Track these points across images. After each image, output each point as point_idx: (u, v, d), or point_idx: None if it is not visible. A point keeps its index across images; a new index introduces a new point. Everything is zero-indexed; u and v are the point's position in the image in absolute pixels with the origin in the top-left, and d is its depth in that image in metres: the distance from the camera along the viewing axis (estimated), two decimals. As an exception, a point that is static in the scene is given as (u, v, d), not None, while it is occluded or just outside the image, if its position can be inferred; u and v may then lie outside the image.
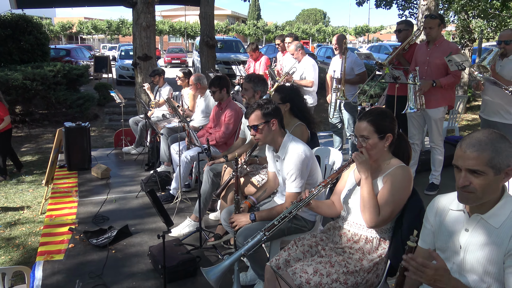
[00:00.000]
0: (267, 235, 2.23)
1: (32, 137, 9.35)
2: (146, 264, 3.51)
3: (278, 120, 2.90)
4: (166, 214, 2.90)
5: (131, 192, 5.19)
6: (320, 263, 2.22)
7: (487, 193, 1.65)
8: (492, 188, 1.64)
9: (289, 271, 2.20)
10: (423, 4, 8.31)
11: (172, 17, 50.65)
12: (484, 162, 1.60)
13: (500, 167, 1.61)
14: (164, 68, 11.70)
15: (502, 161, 1.61)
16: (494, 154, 1.60)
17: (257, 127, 2.86)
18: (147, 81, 7.40)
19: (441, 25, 4.59)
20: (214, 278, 2.12)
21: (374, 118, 2.29)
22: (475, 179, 1.62)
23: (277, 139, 2.91)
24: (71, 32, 43.31)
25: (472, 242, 1.70)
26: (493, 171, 1.61)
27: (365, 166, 2.24)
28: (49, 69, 9.64)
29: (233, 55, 16.80)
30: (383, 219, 2.21)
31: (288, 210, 2.32)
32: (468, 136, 1.68)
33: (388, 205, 2.20)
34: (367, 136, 2.27)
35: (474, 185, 1.63)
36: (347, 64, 5.58)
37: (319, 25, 52.66)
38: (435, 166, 4.94)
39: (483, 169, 1.61)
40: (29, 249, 4.22)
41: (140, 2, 7.93)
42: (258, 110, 2.87)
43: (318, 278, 2.13)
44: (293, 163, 2.78)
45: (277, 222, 2.27)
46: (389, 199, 2.20)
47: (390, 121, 2.32)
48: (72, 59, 16.05)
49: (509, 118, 4.35)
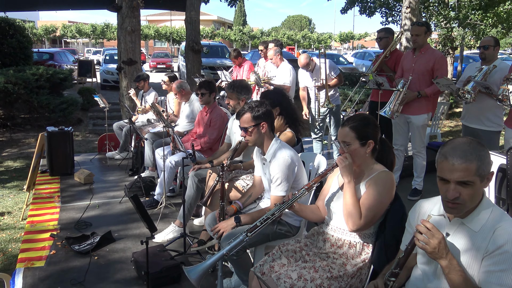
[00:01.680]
0: (249, 235, 2.23)
1: (13, 141, 9.18)
2: (129, 271, 3.47)
3: (268, 123, 2.92)
4: (150, 219, 2.88)
5: (115, 198, 5.13)
6: (304, 268, 2.22)
7: (473, 202, 1.69)
8: (477, 196, 1.68)
9: (273, 276, 2.20)
10: (405, 12, 8.44)
11: (158, 21, 50.43)
12: (472, 172, 1.62)
13: (484, 175, 1.64)
14: (149, 73, 11.62)
15: (485, 168, 1.64)
16: (480, 162, 1.62)
17: (247, 129, 2.89)
18: (132, 85, 7.35)
19: (427, 33, 4.68)
20: (195, 278, 2.11)
21: (356, 125, 2.31)
22: (464, 190, 1.64)
23: (266, 142, 2.94)
24: (55, 36, 42.74)
25: (452, 246, 1.72)
26: (480, 179, 1.64)
27: (348, 170, 2.26)
28: (32, 73, 9.50)
29: (218, 60, 16.79)
30: (366, 223, 2.23)
31: (271, 212, 2.32)
32: (450, 147, 1.67)
33: (371, 209, 2.22)
34: (349, 142, 2.30)
35: (463, 196, 1.64)
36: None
37: (304, 32, 52.99)
38: (417, 172, 5.01)
39: (472, 179, 1.62)
40: (9, 256, 4.14)
41: (125, 6, 7.89)
42: (249, 112, 2.90)
43: (302, 283, 2.14)
44: (279, 167, 2.80)
45: (260, 223, 2.27)
46: (371, 204, 2.22)
47: (373, 128, 2.35)
48: (55, 63, 15.87)
49: (489, 125, 4.43)
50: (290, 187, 2.85)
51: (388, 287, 1.71)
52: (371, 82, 4.83)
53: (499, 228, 1.64)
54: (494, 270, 1.60)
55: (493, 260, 1.61)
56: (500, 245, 1.60)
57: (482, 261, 1.64)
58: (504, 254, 1.58)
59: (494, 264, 1.60)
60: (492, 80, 4.23)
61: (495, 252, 1.60)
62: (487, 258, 1.63)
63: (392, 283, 1.71)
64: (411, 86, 4.62)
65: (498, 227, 1.64)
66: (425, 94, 4.57)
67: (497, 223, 1.66)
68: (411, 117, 4.76)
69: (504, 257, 1.58)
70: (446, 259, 1.63)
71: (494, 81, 4.22)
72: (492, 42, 4.37)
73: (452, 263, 1.62)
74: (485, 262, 1.63)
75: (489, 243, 1.63)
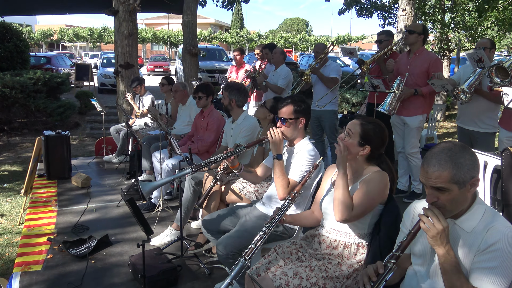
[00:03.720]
0: (247, 259, 2.26)
1: (11, 145, 9.16)
2: (126, 274, 3.47)
3: (305, 120, 2.93)
4: (146, 222, 2.89)
5: (112, 201, 5.14)
6: (300, 267, 2.25)
7: (455, 206, 1.70)
8: (460, 200, 1.69)
9: (269, 273, 2.23)
10: (401, 14, 8.48)
11: (155, 25, 50.51)
12: (446, 179, 1.64)
13: (463, 181, 1.64)
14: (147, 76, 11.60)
15: (464, 175, 1.64)
16: (455, 170, 1.63)
17: (286, 120, 2.88)
18: (129, 89, 7.35)
19: (421, 34, 4.70)
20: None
21: (367, 126, 2.33)
22: (442, 195, 1.67)
23: (298, 138, 2.95)
24: (52, 40, 42.78)
25: None
26: (457, 186, 1.65)
27: (343, 162, 2.30)
28: (29, 77, 9.48)
29: (216, 63, 16.82)
30: (353, 216, 2.25)
31: (262, 231, 2.35)
32: (430, 152, 1.71)
33: (361, 205, 2.24)
34: (351, 134, 2.33)
35: (442, 200, 1.67)
36: (327, 71, 5.62)
37: (301, 34, 53.09)
38: (413, 175, 5.02)
39: (447, 186, 1.64)
40: (6, 260, 4.13)
41: (122, 10, 7.90)
42: (292, 105, 2.90)
43: (298, 281, 2.16)
44: (308, 156, 2.84)
45: (254, 245, 2.32)
46: (363, 199, 2.24)
47: (378, 138, 2.34)
48: (52, 67, 15.86)
49: (483, 126, 4.45)
50: None
51: (388, 269, 1.72)
52: (367, 85, 4.86)
53: (491, 228, 1.66)
54: (484, 267, 1.62)
55: (484, 257, 1.63)
56: (491, 243, 1.62)
57: (473, 259, 1.66)
58: (495, 251, 1.60)
59: (485, 261, 1.62)
60: (485, 81, 4.25)
61: (486, 250, 1.62)
62: (478, 255, 1.65)
63: (393, 265, 1.71)
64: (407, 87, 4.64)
65: (490, 227, 1.66)
66: (421, 92, 4.59)
67: (489, 223, 1.68)
68: (405, 118, 4.78)
69: (495, 255, 1.60)
70: (445, 248, 1.65)
71: (484, 84, 4.25)
72: (488, 44, 4.39)
73: (449, 253, 1.65)
74: (476, 259, 1.65)
75: (481, 242, 1.65)
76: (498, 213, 1.76)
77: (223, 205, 3.74)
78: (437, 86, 4.35)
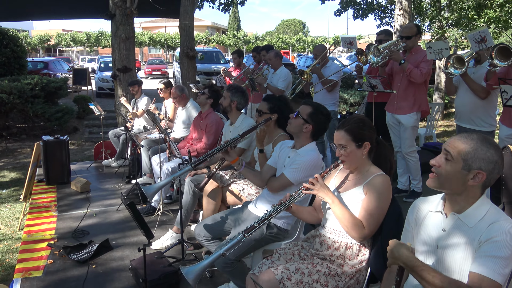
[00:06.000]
0: (246, 236, 2.24)
1: (9, 151, 9.15)
2: (127, 279, 3.46)
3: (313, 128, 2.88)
4: (146, 226, 2.87)
5: (112, 206, 5.12)
6: (302, 264, 2.26)
7: (448, 182, 1.75)
8: (455, 179, 1.73)
9: (272, 269, 2.24)
10: (398, 14, 8.50)
11: (152, 28, 50.46)
12: (459, 151, 1.71)
13: (470, 165, 1.70)
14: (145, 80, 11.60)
15: (474, 161, 1.69)
16: (471, 149, 1.70)
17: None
18: (126, 91, 7.36)
19: (417, 35, 4.71)
20: (192, 277, 2.12)
21: (352, 127, 2.32)
22: (445, 163, 1.74)
23: (304, 140, 2.92)
24: (49, 45, 42.67)
25: (448, 242, 1.75)
26: (463, 165, 1.70)
27: (324, 191, 2.27)
28: (27, 82, 9.48)
29: (213, 65, 16.81)
30: (371, 231, 2.25)
31: (268, 213, 2.32)
32: None
33: (374, 216, 2.23)
34: (345, 145, 2.31)
35: (442, 168, 1.75)
36: (327, 72, 5.63)
37: (298, 35, 53.10)
38: (412, 174, 5.02)
39: (456, 157, 1.71)
40: (7, 267, 4.12)
41: (119, 14, 7.90)
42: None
43: (300, 276, 2.17)
44: (308, 158, 2.84)
45: (257, 224, 2.28)
46: (373, 210, 2.23)
47: (368, 130, 2.36)
48: (50, 71, 15.82)
49: (480, 124, 4.43)
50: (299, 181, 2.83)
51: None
52: (365, 85, 4.87)
53: (494, 223, 1.67)
54: (486, 256, 1.62)
55: (485, 247, 1.64)
56: (493, 236, 1.63)
57: (475, 252, 1.67)
58: (496, 242, 1.62)
59: (485, 251, 1.63)
60: (476, 75, 4.24)
61: (488, 241, 1.64)
62: (480, 247, 1.66)
63: None
64: (399, 87, 4.66)
65: (493, 222, 1.67)
66: (406, 65, 4.53)
67: (493, 220, 1.69)
68: (399, 117, 4.78)
69: (497, 245, 1.61)
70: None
71: (479, 77, 4.23)
72: None
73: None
74: (478, 250, 1.66)
75: (482, 235, 1.67)
76: (502, 211, 1.76)
77: (224, 207, 3.74)
78: (432, 52, 4.27)
